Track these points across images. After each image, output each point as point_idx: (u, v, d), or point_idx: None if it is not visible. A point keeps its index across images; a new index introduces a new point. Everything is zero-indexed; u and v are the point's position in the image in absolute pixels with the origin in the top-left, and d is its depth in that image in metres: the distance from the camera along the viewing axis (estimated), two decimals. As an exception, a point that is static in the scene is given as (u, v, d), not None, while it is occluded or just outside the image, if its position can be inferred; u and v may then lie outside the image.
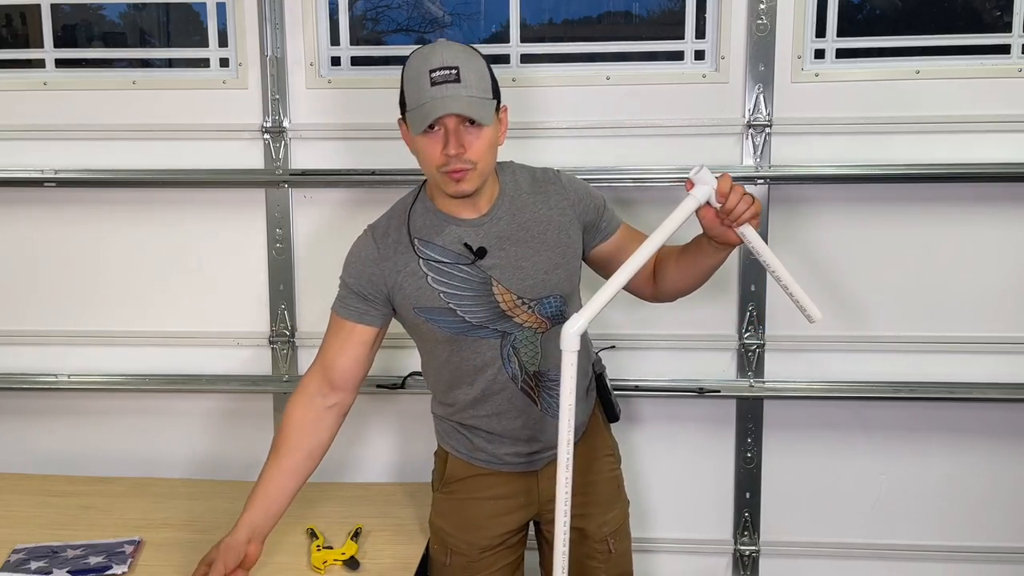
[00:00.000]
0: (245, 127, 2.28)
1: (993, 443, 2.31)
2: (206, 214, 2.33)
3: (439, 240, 1.64)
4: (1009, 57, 2.18)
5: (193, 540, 1.96)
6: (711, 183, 1.50)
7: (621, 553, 1.87)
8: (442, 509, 1.84)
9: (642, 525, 2.36)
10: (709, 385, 2.26)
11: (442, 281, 1.64)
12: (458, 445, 1.80)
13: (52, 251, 2.38)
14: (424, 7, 2.36)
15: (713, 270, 1.66)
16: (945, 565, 2.37)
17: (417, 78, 1.53)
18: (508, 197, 1.67)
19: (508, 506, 1.80)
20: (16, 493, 2.21)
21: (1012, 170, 2.14)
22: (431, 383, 1.83)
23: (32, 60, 2.37)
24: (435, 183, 1.61)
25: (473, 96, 1.51)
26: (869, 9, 2.28)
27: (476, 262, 1.63)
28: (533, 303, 1.66)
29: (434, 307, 1.64)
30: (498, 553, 1.80)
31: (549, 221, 1.67)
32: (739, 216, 1.49)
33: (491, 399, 1.72)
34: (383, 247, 1.67)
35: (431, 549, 1.87)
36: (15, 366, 2.42)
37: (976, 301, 2.24)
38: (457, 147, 1.51)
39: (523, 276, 1.64)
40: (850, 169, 2.16)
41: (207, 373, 2.39)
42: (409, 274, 1.65)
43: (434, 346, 1.72)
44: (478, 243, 1.63)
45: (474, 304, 1.64)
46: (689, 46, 2.24)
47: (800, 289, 1.60)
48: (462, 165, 1.53)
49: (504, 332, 1.66)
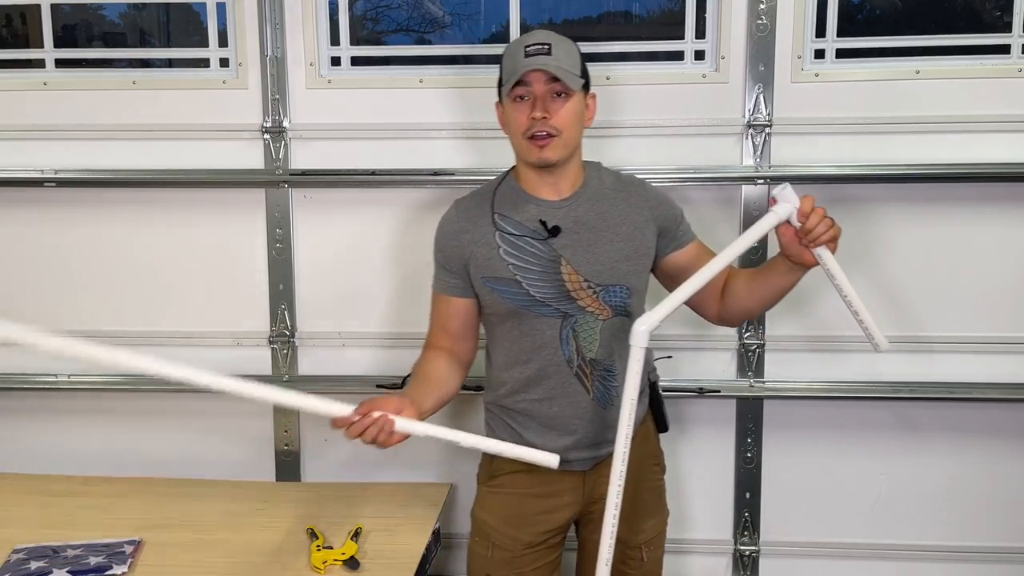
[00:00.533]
0: (245, 127, 2.28)
1: (993, 443, 2.31)
2: (206, 214, 2.33)
3: (517, 216, 1.72)
4: (1009, 57, 2.18)
5: (193, 540, 1.96)
6: (794, 202, 1.55)
7: (654, 561, 1.90)
8: (487, 503, 1.84)
9: (642, 525, 2.36)
10: (709, 385, 2.26)
11: (512, 253, 1.70)
12: (508, 439, 1.79)
13: (52, 251, 2.38)
14: (424, 7, 2.36)
15: (784, 292, 1.69)
16: (945, 565, 2.37)
17: (513, 55, 1.66)
18: (591, 188, 1.75)
19: (553, 504, 1.80)
20: (16, 493, 2.21)
21: (1012, 170, 2.14)
22: (490, 367, 1.85)
23: (32, 60, 2.37)
24: (521, 154, 1.70)
25: (561, 66, 1.62)
26: (869, 9, 2.28)
27: (548, 239, 1.69)
28: (599, 289, 1.70)
29: (501, 277, 1.70)
30: (539, 551, 1.81)
31: (626, 216, 1.74)
32: (817, 237, 1.54)
33: (544, 382, 1.73)
34: (463, 220, 1.76)
35: (472, 541, 1.87)
36: (15, 366, 2.42)
37: (976, 301, 2.24)
38: (543, 110, 1.62)
39: (593, 260, 1.69)
40: (850, 169, 2.16)
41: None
42: (483, 244, 1.72)
43: (497, 321, 1.75)
44: (554, 223, 1.70)
45: (540, 280, 1.69)
46: (689, 46, 2.24)
47: (869, 316, 1.65)
48: (547, 129, 1.62)
49: (566, 313, 1.70)
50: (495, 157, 2.23)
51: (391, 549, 1.92)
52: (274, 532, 2.00)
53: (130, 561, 1.85)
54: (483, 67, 2.29)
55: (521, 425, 1.78)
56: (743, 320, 1.80)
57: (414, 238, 2.30)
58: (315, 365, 2.39)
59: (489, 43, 2.31)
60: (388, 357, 2.35)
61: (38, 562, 1.82)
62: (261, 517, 2.08)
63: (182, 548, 1.92)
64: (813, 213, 1.54)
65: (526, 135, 1.64)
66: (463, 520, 2.41)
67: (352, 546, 1.89)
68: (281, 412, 2.40)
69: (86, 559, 1.84)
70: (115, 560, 1.83)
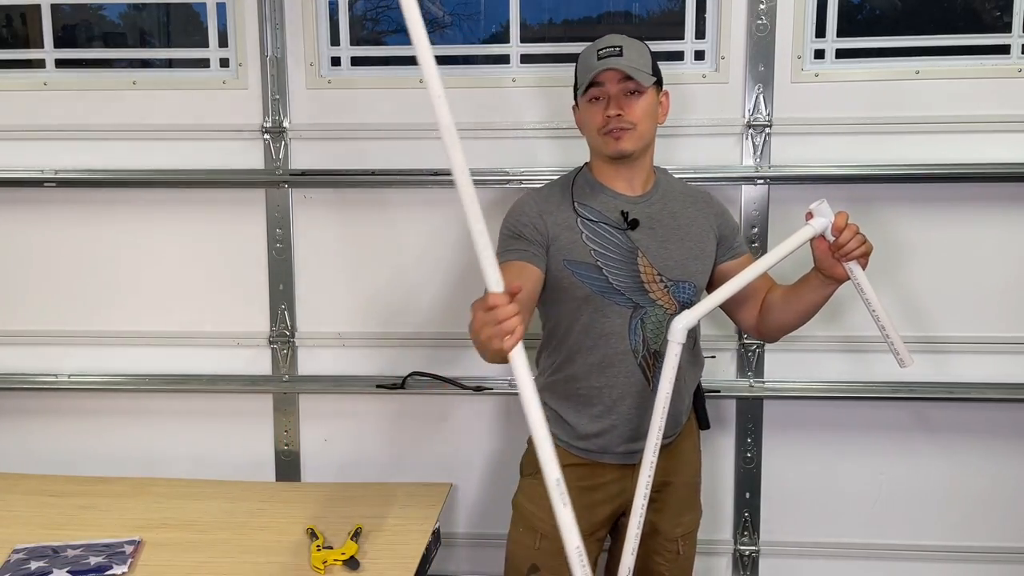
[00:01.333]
0: (245, 127, 2.28)
1: (993, 443, 2.31)
2: (206, 214, 2.33)
3: (597, 205, 1.77)
4: (1009, 57, 2.18)
5: (193, 540, 1.96)
6: (829, 216, 1.63)
7: (687, 557, 1.92)
8: (534, 494, 1.83)
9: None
10: (709, 385, 2.25)
11: (595, 240, 1.74)
12: (558, 432, 1.80)
13: (52, 251, 2.38)
14: (424, 7, 2.36)
15: (816, 306, 1.76)
16: (945, 565, 2.37)
17: (587, 58, 1.75)
18: (662, 189, 1.82)
19: (599, 497, 1.82)
20: (16, 493, 2.21)
21: (1012, 170, 2.14)
22: (550, 353, 1.84)
23: (32, 60, 2.37)
24: (597, 149, 1.78)
25: (632, 65, 1.69)
26: (869, 9, 2.28)
27: (627, 231, 1.74)
28: (671, 284, 1.75)
29: (583, 262, 1.73)
30: (587, 543, 1.80)
31: (694, 219, 1.82)
32: (850, 252, 1.62)
33: (608, 370, 1.76)
34: (543, 204, 1.78)
35: (515, 532, 1.87)
36: (15, 366, 2.43)
37: (976, 301, 2.24)
38: (617, 108, 1.69)
39: (666, 256, 1.75)
40: (850, 169, 2.16)
41: (207, 373, 2.39)
42: (566, 228, 1.75)
43: (571, 307, 1.76)
44: (632, 216, 1.75)
45: (618, 268, 1.73)
46: (689, 46, 2.24)
47: (896, 333, 1.72)
48: (622, 124, 1.69)
49: (637, 304, 1.74)
50: (495, 157, 2.24)
51: (391, 549, 1.92)
52: (274, 532, 2.00)
53: (130, 561, 1.85)
54: (483, 67, 2.29)
55: (577, 411, 1.79)
56: (780, 334, 1.87)
57: (414, 238, 2.31)
58: (315, 365, 2.39)
59: (489, 43, 2.31)
60: (388, 357, 2.35)
61: (38, 562, 1.82)
62: (261, 517, 2.08)
63: (182, 548, 1.92)
64: (847, 228, 1.61)
65: (602, 132, 1.71)
66: (463, 520, 2.42)
67: (352, 546, 1.89)
68: (281, 412, 2.40)
69: (86, 559, 1.84)
70: (115, 560, 1.83)
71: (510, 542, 1.88)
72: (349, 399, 2.38)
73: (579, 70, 1.78)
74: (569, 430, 1.81)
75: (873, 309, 1.70)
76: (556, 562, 1.78)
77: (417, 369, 2.33)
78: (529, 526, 1.84)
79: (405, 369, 2.34)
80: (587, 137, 1.79)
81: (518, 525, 1.87)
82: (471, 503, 2.41)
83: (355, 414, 2.39)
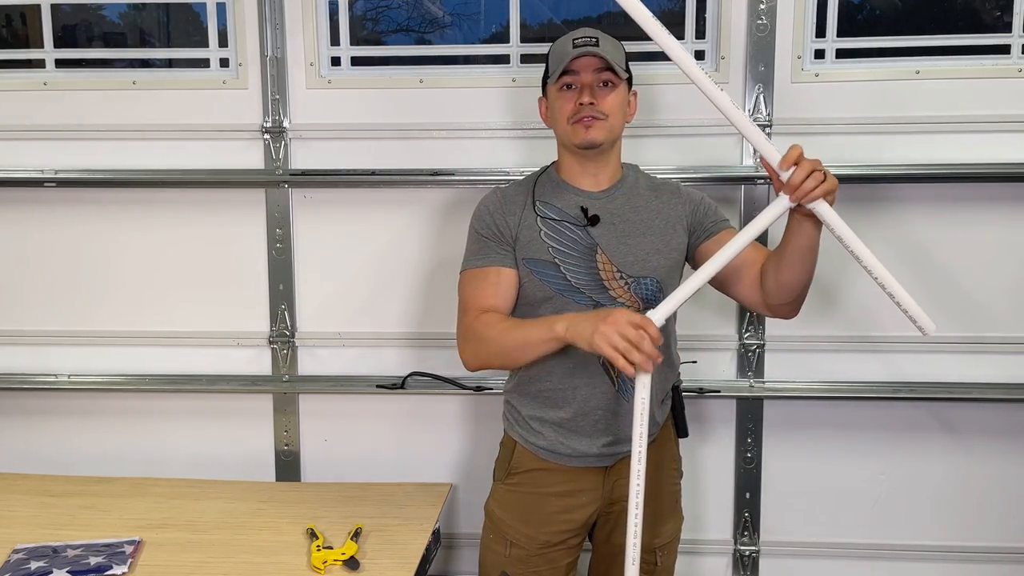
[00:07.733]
0: (245, 127, 2.28)
1: (993, 443, 2.31)
2: (206, 214, 2.33)
3: (558, 202, 1.75)
4: (1009, 57, 2.18)
5: (193, 540, 1.96)
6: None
7: (665, 568, 1.89)
8: (504, 500, 1.83)
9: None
10: (709, 385, 2.26)
11: (553, 237, 1.72)
12: (528, 436, 1.79)
13: (52, 251, 2.38)
14: (424, 7, 2.36)
15: (806, 250, 1.58)
16: (945, 565, 2.37)
17: (561, 47, 1.71)
18: (627, 184, 1.80)
19: (572, 503, 1.79)
20: (16, 493, 2.21)
21: (1012, 170, 2.14)
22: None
23: (32, 60, 2.37)
24: (565, 139, 1.74)
25: (608, 57, 1.67)
26: (869, 9, 2.28)
27: (587, 227, 1.72)
28: (631, 280, 1.72)
29: (541, 259, 1.72)
30: (558, 551, 1.80)
31: (659, 212, 1.78)
32: (805, 193, 1.45)
33: (572, 372, 1.73)
34: (507, 203, 1.78)
35: (486, 538, 1.86)
36: (15, 366, 2.43)
37: (976, 301, 2.24)
38: (590, 97, 1.67)
39: (626, 252, 1.72)
40: (850, 169, 2.16)
41: (207, 373, 2.39)
42: (527, 227, 1.74)
43: (532, 307, 1.74)
44: (593, 212, 1.73)
45: (577, 265, 1.71)
46: (689, 46, 2.24)
47: (907, 296, 1.55)
48: (594, 114, 1.67)
49: (597, 303, 1.71)
50: (496, 157, 2.24)
51: (391, 549, 1.92)
52: (274, 532, 2.00)
53: (130, 561, 1.85)
54: (483, 67, 2.29)
55: (542, 414, 1.77)
56: (789, 299, 1.68)
57: (414, 238, 2.31)
58: (315, 365, 2.39)
59: (489, 43, 2.31)
60: (388, 357, 2.35)
61: (38, 562, 1.82)
62: (261, 517, 2.08)
63: (182, 548, 1.93)
64: (800, 166, 1.45)
65: (572, 120, 1.69)
66: (463, 520, 2.42)
67: (352, 546, 1.89)
68: (281, 412, 2.40)
69: (86, 559, 1.84)
70: (115, 560, 1.83)
71: (482, 548, 1.87)
72: (349, 399, 2.38)
73: (551, 59, 1.74)
74: (534, 432, 1.78)
75: (864, 263, 1.51)
76: (524, 569, 1.79)
77: (417, 369, 2.33)
78: (499, 533, 1.82)
79: (405, 369, 2.34)
80: (555, 128, 1.76)
81: (489, 531, 1.85)
82: (471, 503, 2.40)
83: (355, 414, 2.39)
